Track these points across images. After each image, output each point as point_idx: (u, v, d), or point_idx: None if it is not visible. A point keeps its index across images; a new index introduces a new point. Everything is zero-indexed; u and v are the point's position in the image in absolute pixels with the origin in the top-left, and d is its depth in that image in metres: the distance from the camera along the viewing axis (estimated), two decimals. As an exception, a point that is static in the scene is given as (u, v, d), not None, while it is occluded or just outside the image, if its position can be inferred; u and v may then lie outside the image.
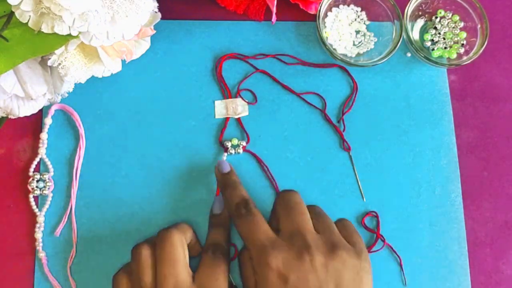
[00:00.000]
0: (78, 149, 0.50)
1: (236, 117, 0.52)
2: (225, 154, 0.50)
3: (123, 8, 0.40)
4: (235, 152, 0.50)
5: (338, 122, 0.52)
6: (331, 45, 0.53)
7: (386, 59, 0.52)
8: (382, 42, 0.54)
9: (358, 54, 0.53)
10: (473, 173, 0.52)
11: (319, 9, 0.53)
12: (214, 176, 0.50)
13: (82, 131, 0.50)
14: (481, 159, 0.53)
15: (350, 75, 0.54)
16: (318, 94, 0.53)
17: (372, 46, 0.54)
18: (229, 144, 0.50)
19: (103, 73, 0.45)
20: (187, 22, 0.54)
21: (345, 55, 0.53)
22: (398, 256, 0.49)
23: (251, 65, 0.53)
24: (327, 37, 0.53)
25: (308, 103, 0.52)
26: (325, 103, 0.53)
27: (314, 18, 0.53)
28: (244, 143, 0.51)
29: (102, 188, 0.49)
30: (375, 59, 0.52)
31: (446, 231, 0.50)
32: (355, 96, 0.53)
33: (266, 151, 0.51)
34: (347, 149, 0.51)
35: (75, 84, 0.48)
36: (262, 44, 0.54)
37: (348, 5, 0.55)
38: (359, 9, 0.55)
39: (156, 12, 0.45)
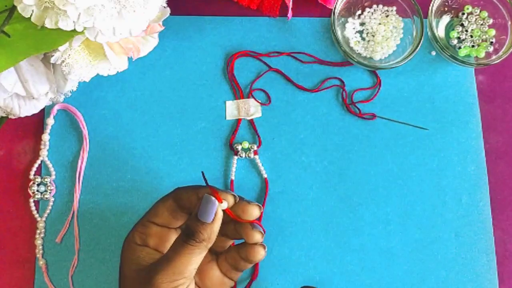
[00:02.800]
0: (81, 152, 0.50)
1: (248, 118, 0.52)
2: (235, 157, 0.50)
3: (130, 3, 0.40)
4: (245, 156, 0.50)
5: (360, 116, 0.52)
6: (347, 46, 0.53)
7: (409, 59, 0.51)
8: (403, 41, 0.53)
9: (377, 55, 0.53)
10: (503, 180, 0.52)
11: (333, 8, 0.52)
12: (224, 181, 0.50)
13: (85, 132, 0.50)
14: (511, 165, 0.52)
15: (372, 72, 0.53)
16: (339, 86, 0.52)
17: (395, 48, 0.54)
18: (239, 147, 0.50)
19: (109, 71, 0.45)
20: (198, 18, 0.54)
21: (363, 57, 0.53)
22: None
23: (265, 63, 0.53)
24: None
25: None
26: (346, 95, 0.52)
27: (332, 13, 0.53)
28: (255, 147, 0.50)
29: (106, 193, 0.49)
30: (396, 60, 0.52)
31: (473, 242, 0.50)
32: (378, 89, 0.53)
33: (279, 155, 0.51)
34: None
35: (79, 82, 0.48)
36: (277, 42, 0.54)
37: (370, 7, 0.54)
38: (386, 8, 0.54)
39: (165, 7, 0.45)
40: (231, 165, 0.50)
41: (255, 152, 0.50)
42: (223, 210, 0.40)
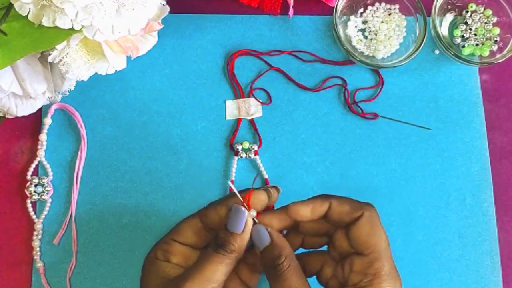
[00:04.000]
0: (79, 152, 0.50)
1: (249, 118, 0.51)
2: (235, 157, 0.50)
3: (129, 1, 0.40)
4: (246, 157, 0.50)
5: (362, 116, 0.52)
6: (349, 44, 0.53)
7: (411, 58, 0.51)
8: (406, 39, 0.53)
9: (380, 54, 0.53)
10: (507, 180, 0.51)
11: (335, 6, 0.52)
12: (224, 182, 0.50)
13: (83, 132, 0.50)
14: (516, 165, 0.52)
15: (374, 71, 0.53)
16: (341, 85, 0.52)
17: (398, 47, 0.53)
18: (239, 148, 0.50)
19: (107, 70, 0.45)
20: (197, 16, 0.54)
21: (365, 55, 0.53)
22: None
23: (265, 62, 0.53)
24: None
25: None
26: (348, 94, 0.52)
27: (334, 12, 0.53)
28: (256, 147, 0.50)
29: (104, 194, 0.49)
30: (399, 59, 0.52)
31: (477, 244, 0.50)
32: (381, 88, 0.53)
33: (280, 156, 0.51)
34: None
35: (77, 82, 0.48)
36: (278, 40, 0.54)
37: (373, 5, 0.54)
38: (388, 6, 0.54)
39: (164, 5, 0.45)
40: (231, 165, 0.50)
41: (256, 153, 0.50)
42: (253, 218, 0.39)
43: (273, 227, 0.39)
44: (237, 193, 0.39)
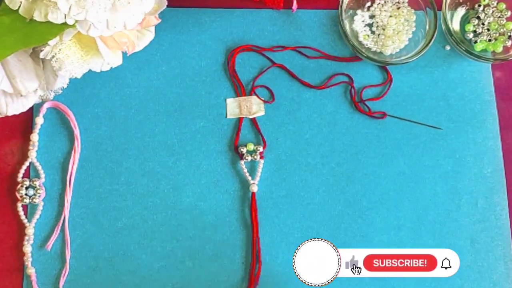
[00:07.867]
0: (72, 152, 0.49)
1: (251, 117, 0.51)
2: (242, 162, 0.50)
3: (125, -6, 0.40)
4: (251, 159, 0.50)
5: (370, 115, 0.52)
6: (356, 40, 0.53)
7: (421, 54, 0.51)
8: (415, 35, 0.53)
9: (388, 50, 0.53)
10: (522, 183, 0.51)
11: (341, 0, 0.52)
12: (225, 184, 0.50)
13: (77, 132, 0.50)
14: (531, 167, 0.52)
15: (382, 68, 0.53)
16: (347, 83, 0.52)
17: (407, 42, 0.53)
18: (244, 150, 0.50)
19: (102, 67, 0.45)
20: (196, 10, 0.54)
21: (373, 51, 0.53)
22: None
23: (268, 58, 0.53)
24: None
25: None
26: (355, 92, 0.52)
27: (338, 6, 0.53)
28: (261, 149, 0.50)
29: (99, 196, 0.49)
30: (408, 55, 0.52)
31: (490, 249, 0.50)
32: (389, 86, 0.53)
33: (284, 156, 0.51)
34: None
35: (70, 79, 0.48)
36: (281, 35, 0.53)
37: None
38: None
39: (161, -2, 0.45)
40: (239, 169, 0.50)
41: (261, 154, 0.50)
42: None
43: None
44: None
